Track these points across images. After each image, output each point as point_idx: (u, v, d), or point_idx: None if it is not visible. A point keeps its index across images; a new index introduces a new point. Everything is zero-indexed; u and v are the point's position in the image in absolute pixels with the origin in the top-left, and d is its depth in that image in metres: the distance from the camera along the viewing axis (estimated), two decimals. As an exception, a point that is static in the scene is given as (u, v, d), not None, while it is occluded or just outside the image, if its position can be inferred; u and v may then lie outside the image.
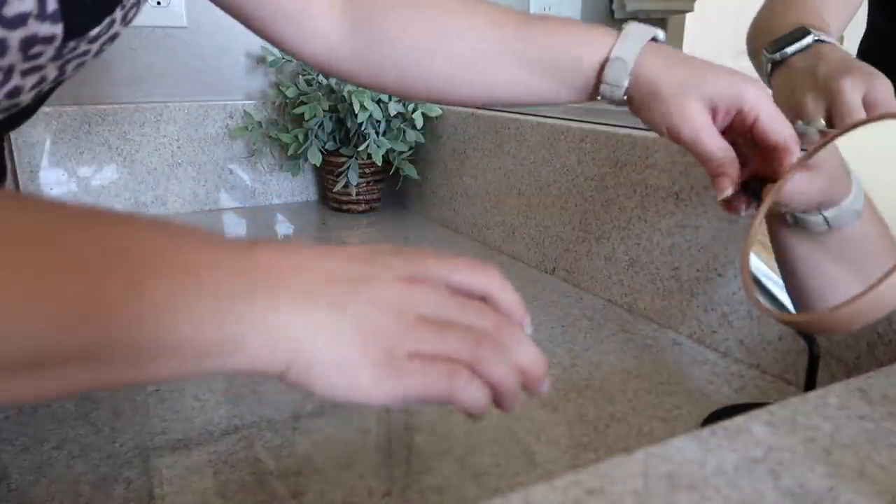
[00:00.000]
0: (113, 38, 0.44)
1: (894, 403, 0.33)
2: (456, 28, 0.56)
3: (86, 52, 0.43)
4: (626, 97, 0.51)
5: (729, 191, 0.49)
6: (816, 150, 0.46)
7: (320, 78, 1.11)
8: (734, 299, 0.60)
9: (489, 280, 0.35)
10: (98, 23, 0.41)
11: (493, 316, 0.34)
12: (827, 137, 0.46)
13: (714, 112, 0.49)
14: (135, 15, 0.46)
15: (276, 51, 1.14)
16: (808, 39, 0.59)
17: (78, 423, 0.50)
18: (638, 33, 0.52)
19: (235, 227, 1.10)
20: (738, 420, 0.31)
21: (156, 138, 1.10)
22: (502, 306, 0.35)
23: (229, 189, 1.18)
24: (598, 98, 0.53)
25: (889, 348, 0.49)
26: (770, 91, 0.50)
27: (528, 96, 0.56)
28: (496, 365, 0.32)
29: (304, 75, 1.13)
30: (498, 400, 0.33)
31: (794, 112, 0.56)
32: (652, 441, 0.48)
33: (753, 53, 0.71)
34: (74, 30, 0.39)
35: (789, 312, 0.44)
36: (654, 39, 0.52)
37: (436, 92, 0.58)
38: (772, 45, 0.61)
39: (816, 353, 0.46)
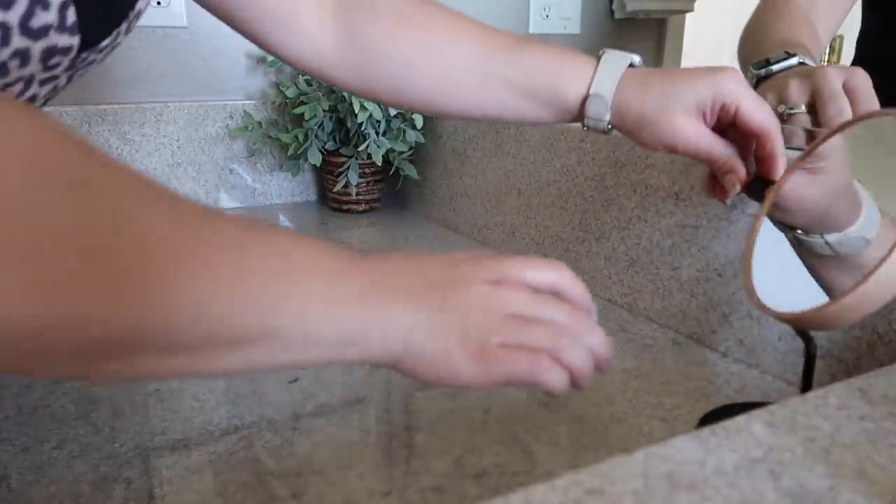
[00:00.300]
0: (114, 47, 0.45)
1: (894, 403, 0.33)
2: (442, 44, 0.57)
3: (92, 62, 0.44)
4: (611, 127, 0.53)
5: (737, 187, 0.50)
6: (812, 148, 0.46)
7: (320, 78, 1.11)
8: (734, 299, 0.60)
9: (560, 277, 0.41)
10: (109, 34, 0.42)
11: (566, 308, 0.40)
12: (820, 137, 0.47)
13: (702, 115, 0.50)
14: (134, 25, 0.47)
15: (276, 51, 1.14)
16: (794, 61, 0.60)
17: (78, 423, 0.50)
18: (614, 64, 0.53)
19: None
20: (738, 420, 0.31)
21: (156, 138, 1.10)
22: (572, 298, 0.41)
23: (229, 189, 1.18)
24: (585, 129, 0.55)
25: (889, 348, 0.49)
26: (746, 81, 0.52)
27: (516, 117, 0.57)
28: (572, 352, 0.38)
29: (303, 75, 1.13)
30: (574, 381, 0.38)
31: (778, 99, 0.56)
32: (652, 441, 0.48)
33: (743, 62, 0.72)
34: (89, 41, 0.41)
35: (786, 311, 0.44)
36: (631, 65, 0.53)
37: (424, 104, 0.59)
38: (757, 64, 0.62)
39: (813, 352, 0.46)
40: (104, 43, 0.42)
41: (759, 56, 0.63)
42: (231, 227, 0.33)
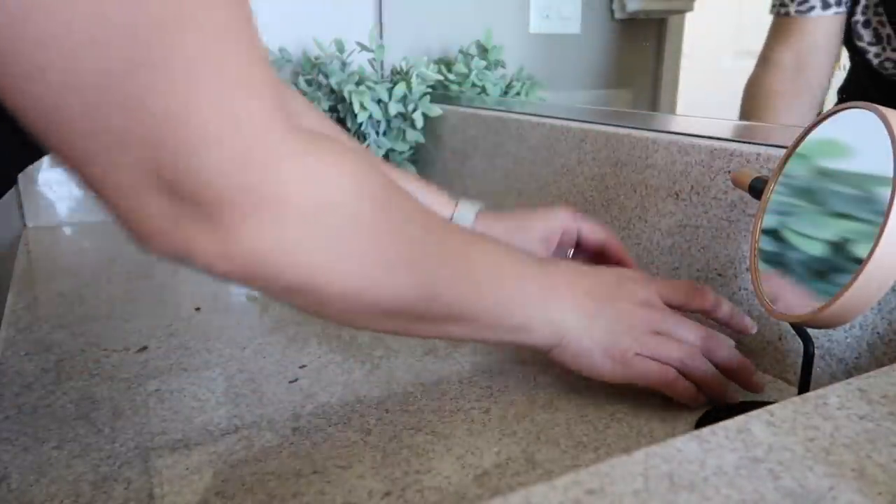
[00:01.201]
0: None
1: (894, 403, 0.33)
2: None
3: None
4: None
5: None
6: (796, 143, 0.46)
7: (320, 78, 1.11)
8: (734, 299, 0.60)
9: (703, 300, 0.52)
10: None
11: (701, 331, 0.51)
12: (800, 133, 0.47)
13: (549, 241, 0.64)
14: None
15: (276, 51, 1.14)
16: None
17: (78, 423, 0.50)
18: (469, 206, 0.68)
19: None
20: (738, 420, 0.31)
21: (156, 138, 1.09)
22: (721, 318, 0.53)
23: (229, 189, 1.18)
24: None
25: (889, 348, 0.49)
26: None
27: None
28: (698, 368, 0.49)
29: (304, 75, 1.13)
30: (706, 391, 0.50)
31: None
32: (652, 441, 0.48)
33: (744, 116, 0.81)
34: None
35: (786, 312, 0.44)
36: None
37: None
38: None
39: (812, 352, 0.46)
40: None
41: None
42: (492, 248, 0.48)
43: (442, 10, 1.28)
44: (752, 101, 0.83)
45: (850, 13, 0.80)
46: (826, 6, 0.80)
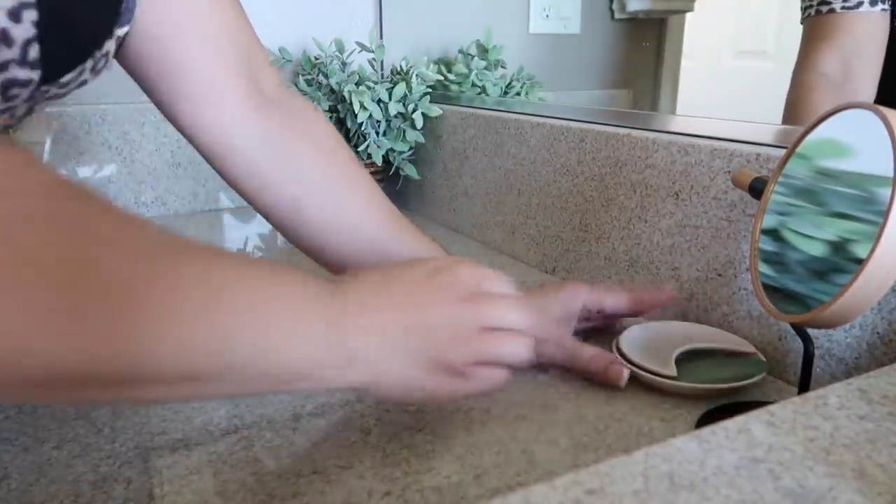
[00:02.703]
0: (82, 84, 0.45)
1: (894, 403, 0.33)
2: (350, 196, 0.57)
3: (55, 96, 0.44)
4: None
5: (626, 374, 0.54)
6: (796, 144, 0.46)
7: (320, 78, 1.11)
8: (734, 299, 0.60)
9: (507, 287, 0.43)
10: (71, 70, 0.43)
11: (525, 310, 0.42)
12: (798, 135, 0.47)
13: (567, 325, 0.58)
14: (104, 67, 0.47)
15: (275, 50, 1.14)
16: None
17: (78, 423, 0.50)
18: None
19: (235, 227, 1.10)
20: (738, 420, 0.31)
21: (156, 138, 1.10)
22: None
23: (229, 189, 1.18)
24: None
25: (889, 348, 0.49)
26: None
27: None
28: (531, 358, 0.42)
29: (304, 75, 1.13)
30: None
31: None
32: (652, 441, 0.48)
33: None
34: (49, 76, 0.41)
35: (787, 312, 0.44)
36: None
37: (304, 239, 0.57)
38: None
39: (812, 352, 0.46)
40: (66, 78, 0.43)
41: None
42: (201, 262, 0.33)
43: (442, 10, 1.28)
44: (801, 122, 0.72)
45: (894, 13, 0.72)
46: (874, 2, 0.71)
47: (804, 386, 0.47)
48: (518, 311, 0.42)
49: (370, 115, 1.04)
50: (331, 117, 1.10)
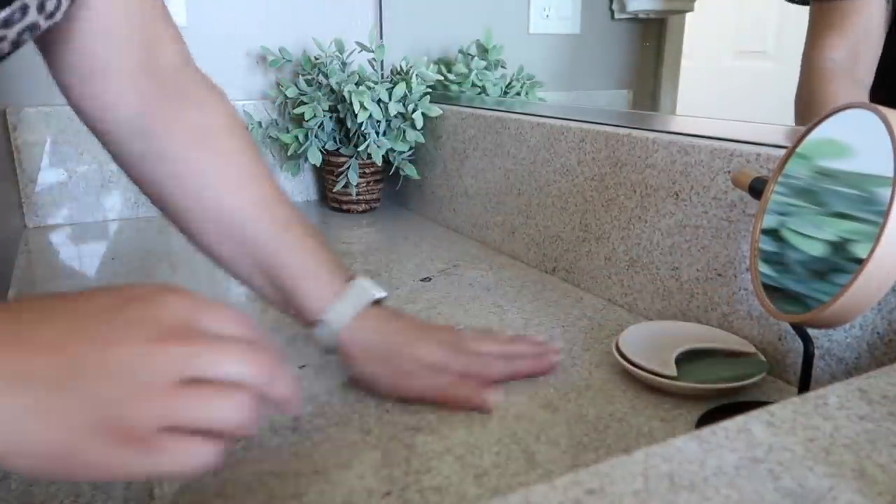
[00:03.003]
0: (32, 28, 0.42)
1: (894, 403, 0.33)
2: (225, 185, 0.54)
3: (1, 39, 0.42)
4: (339, 351, 0.54)
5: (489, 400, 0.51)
6: (797, 143, 0.46)
7: (320, 78, 1.11)
8: (734, 299, 0.60)
9: (239, 326, 0.33)
10: (7, 5, 0.40)
11: (258, 361, 0.32)
12: (799, 134, 0.47)
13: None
14: (56, 8, 0.44)
15: (275, 50, 1.14)
16: None
17: (78, 423, 0.50)
18: (357, 297, 0.53)
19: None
20: (738, 420, 0.31)
21: (156, 138, 1.09)
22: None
23: (229, 189, 1.18)
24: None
25: (889, 348, 0.49)
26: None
27: (259, 293, 0.56)
28: (233, 419, 0.30)
29: (303, 75, 1.14)
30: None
31: None
32: (652, 441, 0.47)
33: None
34: None
35: (788, 312, 0.44)
36: (377, 301, 0.54)
37: (180, 221, 0.55)
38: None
39: (812, 352, 0.46)
40: (3, 15, 0.39)
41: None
42: None
43: (442, 10, 1.28)
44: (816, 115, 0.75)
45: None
46: None
47: (804, 386, 0.47)
48: (239, 358, 0.31)
49: (370, 115, 1.04)
50: (331, 117, 1.10)
